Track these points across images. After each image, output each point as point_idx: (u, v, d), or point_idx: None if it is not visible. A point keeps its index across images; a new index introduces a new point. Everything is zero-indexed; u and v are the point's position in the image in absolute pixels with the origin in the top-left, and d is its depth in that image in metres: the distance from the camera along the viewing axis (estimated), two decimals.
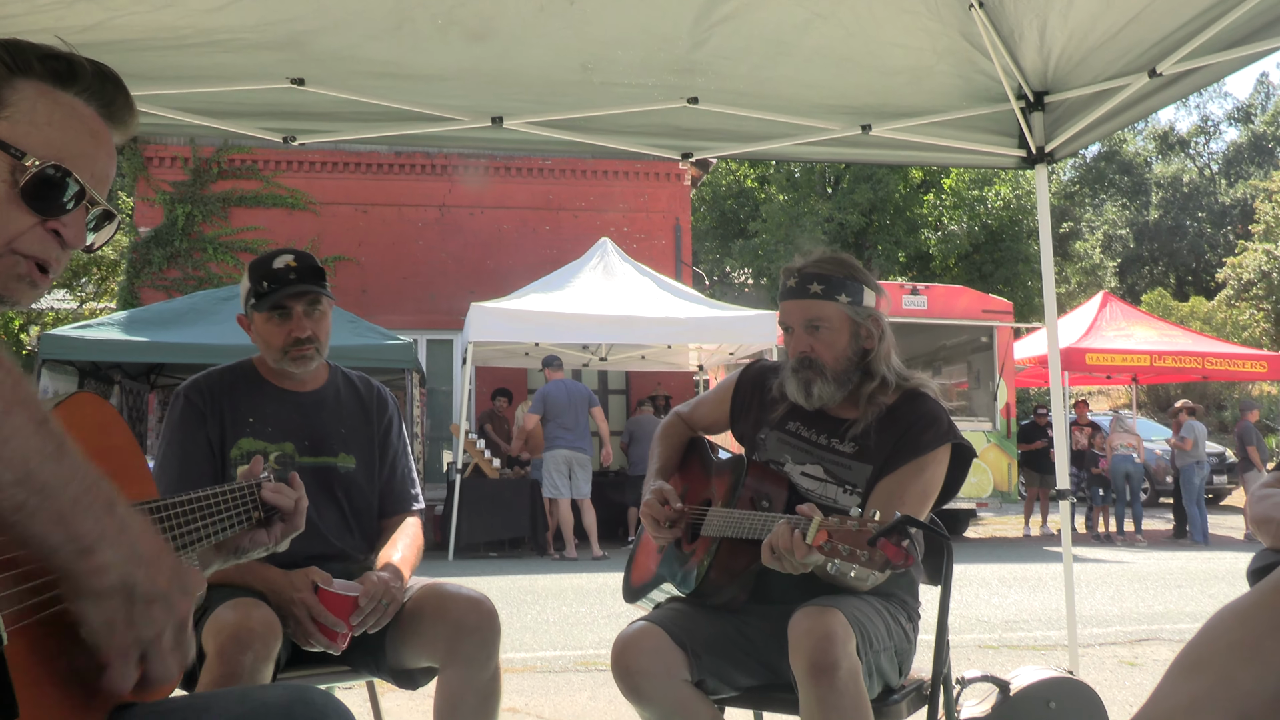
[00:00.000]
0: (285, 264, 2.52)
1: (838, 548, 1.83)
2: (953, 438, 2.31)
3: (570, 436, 10.40)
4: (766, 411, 2.52)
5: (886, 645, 2.22)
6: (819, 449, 2.39)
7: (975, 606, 7.11)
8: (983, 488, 12.46)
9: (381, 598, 2.30)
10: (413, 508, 2.71)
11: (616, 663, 2.24)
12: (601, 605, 7.20)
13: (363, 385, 2.73)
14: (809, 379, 2.37)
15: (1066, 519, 4.34)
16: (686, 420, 2.74)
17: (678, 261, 15.47)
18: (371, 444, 2.67)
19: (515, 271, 14.49)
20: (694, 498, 2.51)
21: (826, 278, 2.35)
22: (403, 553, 2.53)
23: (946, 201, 24.39)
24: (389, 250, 14.61)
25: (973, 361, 13.49)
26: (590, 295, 10.99)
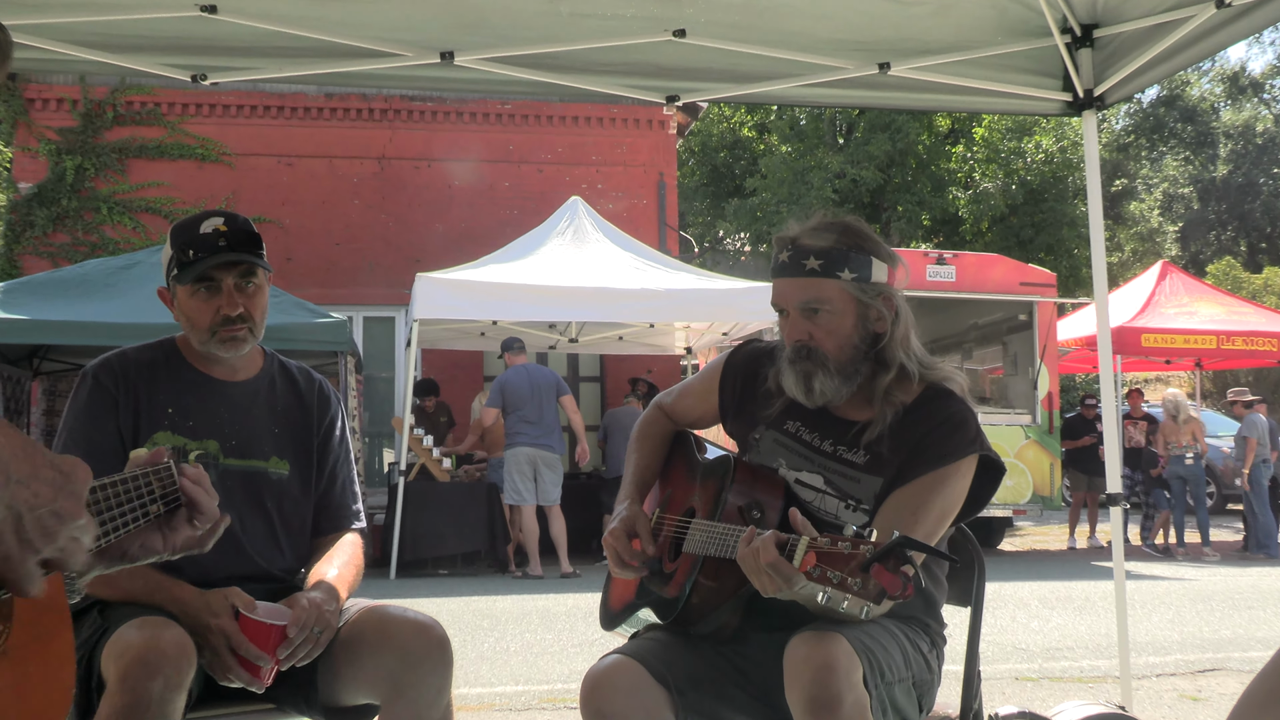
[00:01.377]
0: (214, 228, 2.49)
1: (827, 574, 1.83)
2: (980, 448, 2.29)
3: (535, 432, 10.41)
4: (760, 406, 2.50)
5: (903, 676, 2.23)
6: (822, 456, 2.38)
7: (1011, 631, 7.17)
8: (1020, 492, 12.56)
9: (313, 625, 2.30)
10: (353, 525, 2.71)
11: (587, 703, 2.25)
12: (571, 631, 7.22)
13: (303, 378, 2.73)
14: (808, 372, 2.34)
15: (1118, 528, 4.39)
16: (669, 412, 2.73)
17: (661, 225, 15.47)
18: (309, 448, 2.66)
19: (469, 236, 14.45)
20: (677, 506, 2.51)
21: (825, 250, 2.31)
22: (339, 570, 2.53)
23: (978, 155, 24.47)
24: (318, 211, 14.54)
25: (1009, 343, 13.57)
26: (558, 265, 10.98)
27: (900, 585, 1.76)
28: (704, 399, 2.66)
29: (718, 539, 2.21)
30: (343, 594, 2.46)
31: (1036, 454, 12.71)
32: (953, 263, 12.66)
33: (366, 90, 14.54)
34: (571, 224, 11.84)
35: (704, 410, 2.66)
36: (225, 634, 2.25)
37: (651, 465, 2.65)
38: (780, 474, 2.39)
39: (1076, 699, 3.47)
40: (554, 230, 11.76)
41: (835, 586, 1.82)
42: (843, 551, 1.83)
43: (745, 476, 2.36)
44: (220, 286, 2.50)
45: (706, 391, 2.65)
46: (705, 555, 2.25)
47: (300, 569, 2.63)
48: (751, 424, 2.52)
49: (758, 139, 28.21)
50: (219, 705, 2.41)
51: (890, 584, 1.77)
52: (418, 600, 8.34)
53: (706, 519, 2.33)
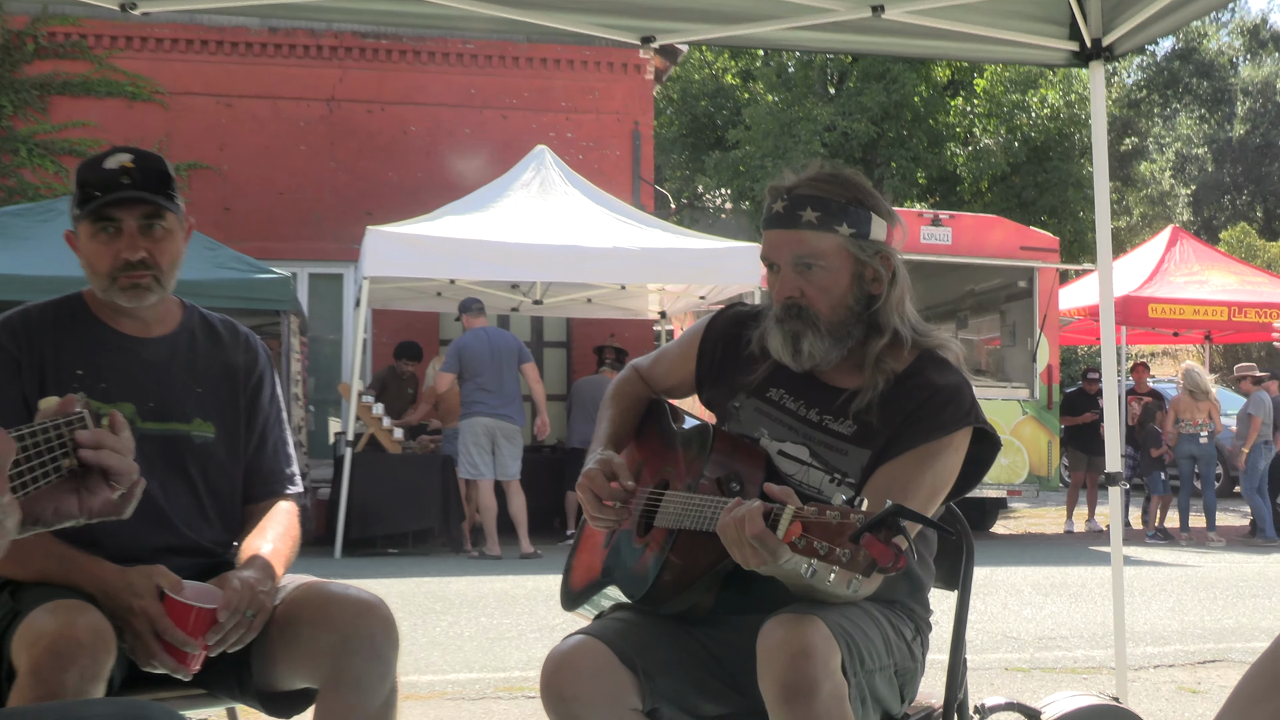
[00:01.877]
0: (119, 165, 2.47)
1: (814, 545, 1.84)
2: (975, 420, 2.32)
3: (493, 400, 10.40)
4: (742, 372, 2.51)
5: (884, 663, 2.25)
6: (806, 425, 2.39)
7: (1002, 619, 7.25)
8: (1016, 471, 12.66)
9: (246, 607, 2.29)
10: (287, 490, 2.70)
11: (548, 687, 2.25)
12: (531, 615, 7.24)
13: (226, 332, 2.71)
14: (797, 331, 2.36)
15: (1117, 510, 4.43)
16: (645, 377, 2.74)
17: (635, 178, 15.42)
18: (236, 408, 2.65)
19: (425, 187, 14.36)
20: (650, 477, 2.52)
21: (824, 201, 2.33)
22: (274, 544, 2.52)
23: (978, 108, 24.50)
24: (260, 156, 14.41)
25: (1007, 312, 13.64)
26: (522, 219, 10.94)
27: (892, 556, 1.78)
28: (681, 364, 2.67)
29: (694, 511, 2.22)
30: (278, 570, 2.45)
31: (1034, 431, 12.81)
32: (949, 224, 12.69)
33: (314, 25, 14.39)
34: (537, 175, 11.78)
35: (681, 377, 2.67)
36: (149, 617, 2.24)
37: (626, 424, 2.66)
38: (762, 445, 2.40)
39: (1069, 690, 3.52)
40: (518, 182, 11.70)
41: (822, 558, 1.83)
42: (831, 521, 1.84)
43: (724, 447, 2.36)
44: (121, 228, 2.48)
45: (684, 357, 2.66)
46: (679, 529, 2.25)
47: (232, 541, 2.62)
48: (731, 391, 2.52)
49: (741, 87, 28.12)
50: (143, 691, 2.40)
51: (881, 555, 1.78)
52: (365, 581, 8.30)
53: (681, 491, 2.34)
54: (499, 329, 11.20)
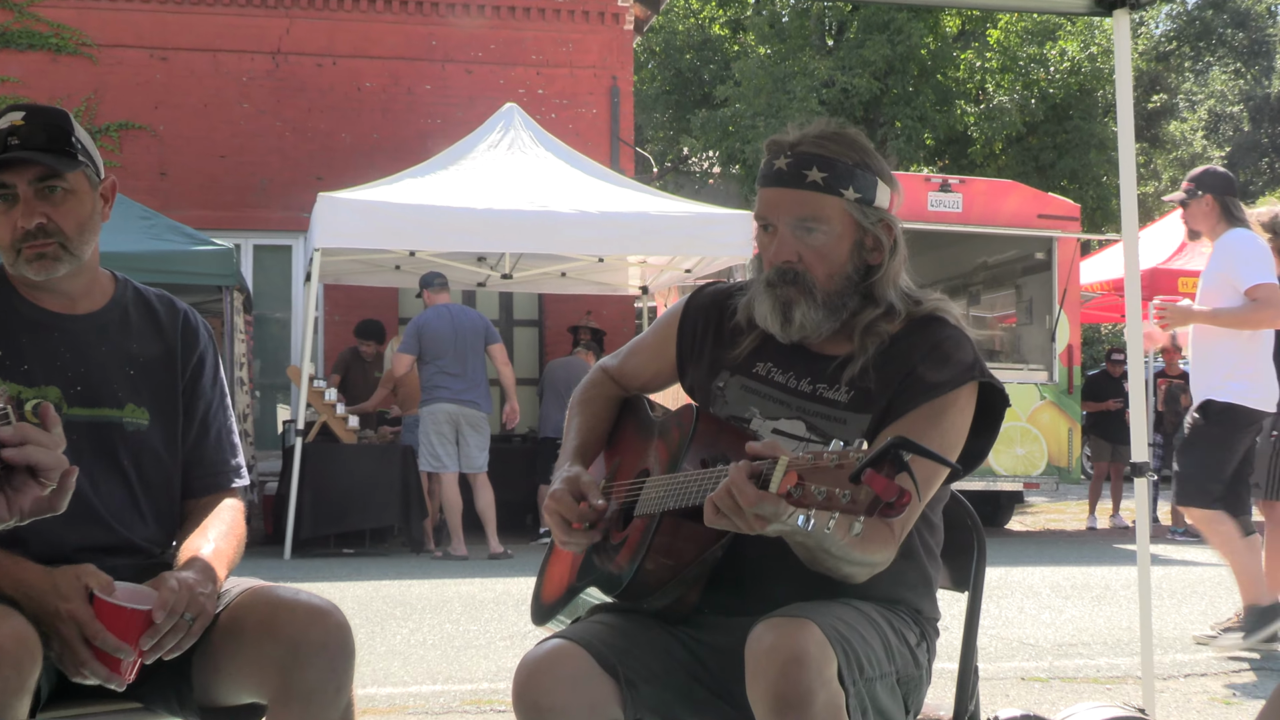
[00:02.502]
0: (8, 124, 2.46)
1: (811, 492, 1.87)
2: (980, 374, 2.36)
3: (457, 385, 10.39)
4: (725, 348, 2.54)
5: (885, 670, 2.27)
6: (799, 398, 2.43)
7: (1018, 624, 7.29)
8: (1033, 462, 12.73)
9: (185, 609, 2.29)
10: (232, 484, 2.70)
11: (521, 696, 2.26)
12: (500, 622, 7.25)
13: (164, 309, 2.70)
14: (789, 299, 2.39)
15: (1144, 505, 4.45)
16: (616, 377, 2.76)
17: (614, 139, 15.41)
18: (173, 393, 2.65)
19: (382, 149, 14.32)
20: (627, 473, 2.54)
21: (832, 162, 2.37)
22: (216, 543, 2.52)
23: (992, 62, 24.53)
24: (199, 115, 14.34)
25: (1024, 286, 13.67)
26: (489, 184, 10.92)
27: (896, 491, 1.80)
28: (659, 352, 2.69)
29: (677, 489, 2.25)
30: (221, 572, 2.45)
31: (1053, 417, 12.85)
32: (959, 190, 12.71)
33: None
34: (506, 136, 11.75)
35: (659, 366, 2.69)
36: (77, 621, 2.23)
37: (596, 430, 2.68)
38: (754, 427, 2.43)
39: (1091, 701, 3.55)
40: (485, 143, 11.68)
41: (819, 505, 1.85)
42: (828, 465, 1.87)
43: (709, 428, 2.38)
44: (17, 194, 2.47)
45: (662, 342, 2.68)
46: (662, 513, 2.27)
47: (169, 540, 2.62)
48: (714, 370, 2.55)
49: (731, 38, 28.10)
50: (74, 704, 2.41)
51: (885, 489, 1.80)
52: (317, 585, 8.33)
53: (663, 476, 2.36)
54: (463, 306, 11.18)
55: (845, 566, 2.21)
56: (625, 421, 2.70)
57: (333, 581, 8.76)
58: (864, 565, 2.22)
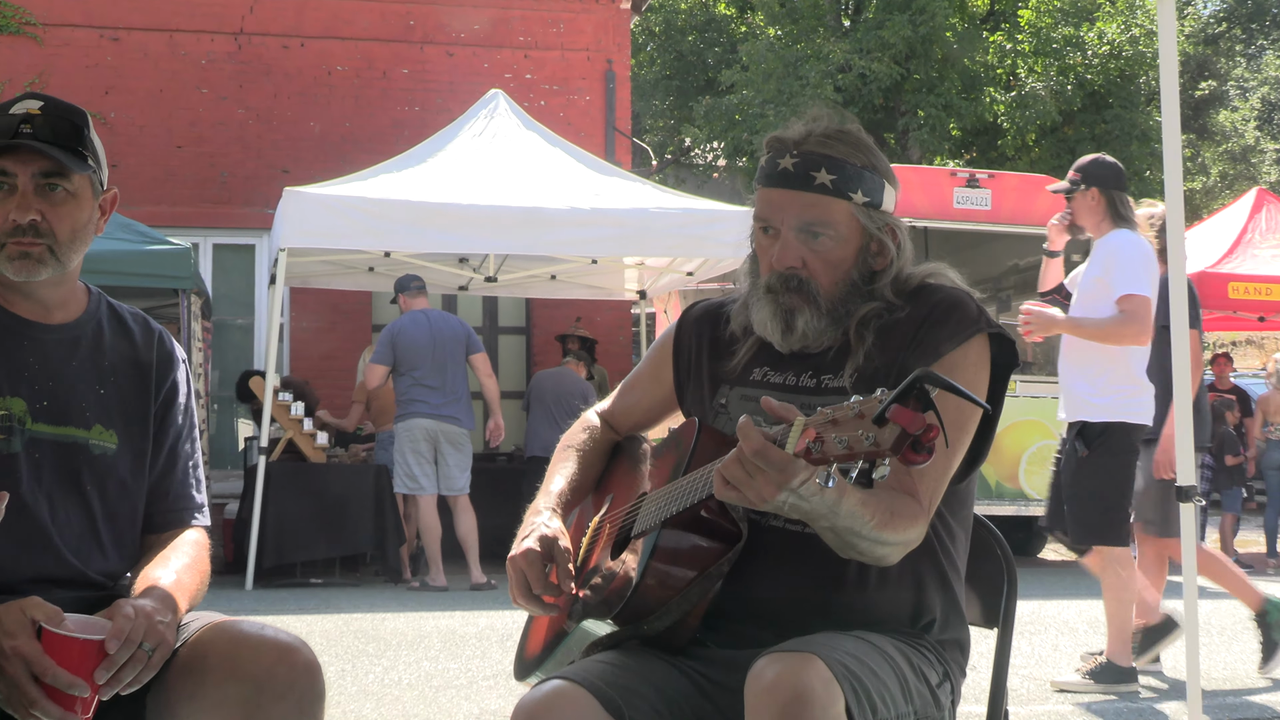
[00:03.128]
0: (24, 111, 2.50)
1: (830, 444, 1.91)
2: (987, 326, 2.45)
3: (436, 399, 10.39)
4: (722, 361, 2.60)
5: (901, 711, 2.27)
6: (804, 394, 2.47)
7: (1052, 663, 7.28)
8: None
9: (142, 639, 2.29)
10: (193, 521, 2.71)
11: None
12: (483, 659, 7.25)
13: (139, 328, 2.71)
14: (791, 307, 2.46)
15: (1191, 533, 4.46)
16: (609, 419, 2.82)
17: (609, 128, 15.42)
18: (144, 418, 2.66)
19: (354, 140, 14.32)
20: (622, 502, 2.58)
21: (840, 163, 2.44)
22: (177, 574, 2.52)
23: (1024, 45, 24.57)
24: (154, 102, 14.34)
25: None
26: (472, 179, 10.93)
27: (922, 423, 1.84)
28: (655, 379, 2.75)
29: (679, 493, 2.30)
30: (182, 604, 2.45)
31: None
32: (988, 185, 12.73)
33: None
34: (490, 125, 11.77)
35: (657, 395, 2.75)
36: (24, 658, 2.22)
37: (583, 476, 2.73)
38: None
39: None
40: (467, 133, 11.69)
41: (840, 455, 1.90)
42: (848, 415, 1.92)
43: (712, 440, 2.43)
44: (16, 185, 2.50)
45: (657, 368, 2.74)
46: (661, 525, 2.32)
47: (125, 575, 2.62)
48: (715, 387, 2.60)
49: (737, 18, 28.14)
50: None
51: (911, 421, 1.84)
52: (283, 618, 8.33)
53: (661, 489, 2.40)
54: (443, 312, 11.18)
55: (879, 548, 2.25)
56: (618, 461, 2.76)
57: (299, 615, 8.75)
58: (898, 545, 2.27)
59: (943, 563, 2.47)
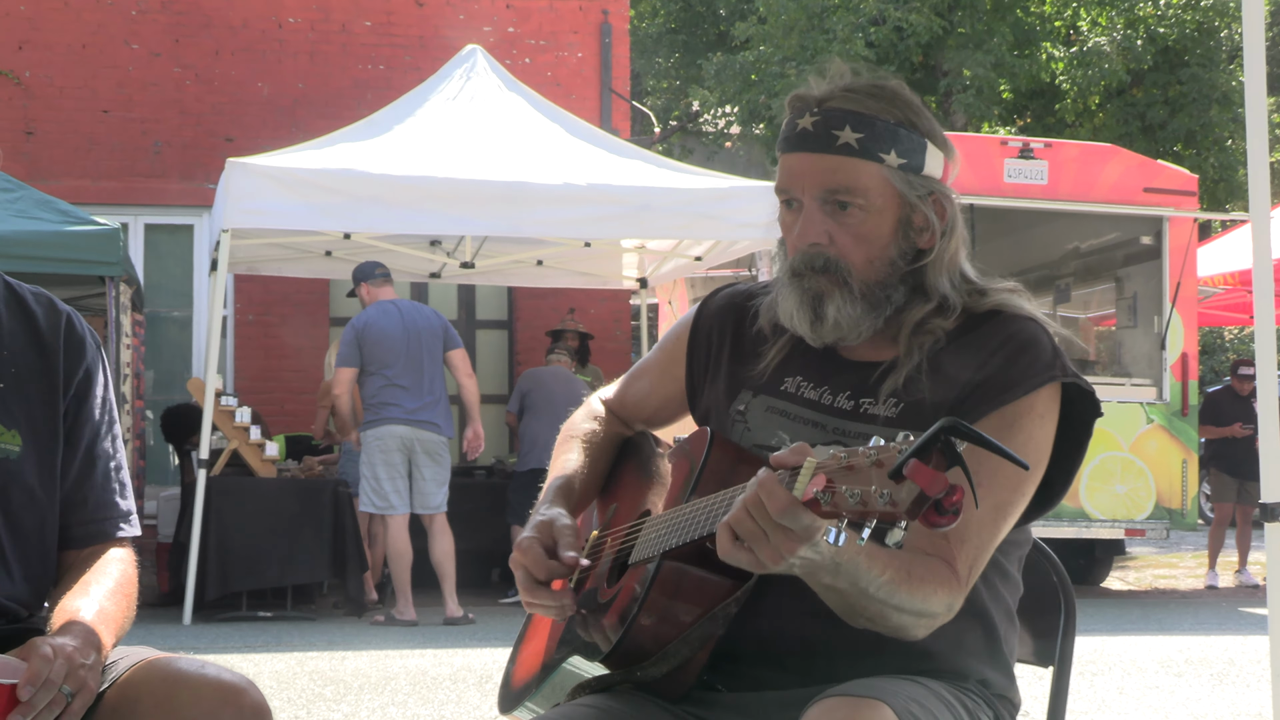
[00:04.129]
0: None
1: (841, 496, 1.87)
2: (1062, 372, 2.37)
3: (411, 402, 10.36)
4: (745, 363, 2.56)
5: None
6: (839, 417, 2.44)
7: (1117, 708, 7.30)
8: (1137, 503, 12.73)
9: (62, 681, 2.29)
10: (120, 532, 2.70)
11: None
12: (458, 704, 7.26)
13: (43, 310, 2.70)
14: (820, 291, 2.40)
15: (1278, 557, 4.45)
16: (616, 409, 2.80)
17: (605, 90, 15.42)
18: (53, 414, 2.65)
19: (308, 103, 14.33)
20: (625, 518, 2.57)
21: (869, 120, 2.39)
22: (100, 603, 2.51)
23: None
24: (75, 59, 14.34)
25: (1126, 280, 13.69)
26: (446, 148, 10.94)
27: (944, 484, 1.80)
28: (666, 374, 2.72)
29: (683, 523, 2.27)
30: (107, 639, 2.45)
31: (1163, 446, 12.87)
32: (1044, 156, 12.73)
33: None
34: (466, 86, 11.76)
35: (667, 392, 2.72)
36: None
37: (590, 469, 2.70)
38: None
39: None
40: (440, 95, 11.69)
41: (852, 511, 1.86)
42: (865, 464, 1.88)
43: (725, 456, 2.40)
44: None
45: (669, 361, 2.71)
46: (663, 554, 2.29)
47: (40, 601, 2.62)
48: (733, 392, 2.56)
49: None
50: None
51: (931, 482, 1.80)
52: (227, 656, 8.34)
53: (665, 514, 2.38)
54: (415, 303, 11.16)
55: (894, 615, 2.20)
56: (625, 463, 2.74)
57: (246, 653, 8.76)
58: (919, 614, 2.21)
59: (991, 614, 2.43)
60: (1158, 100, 24.46)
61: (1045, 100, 25.18)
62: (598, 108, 15.08)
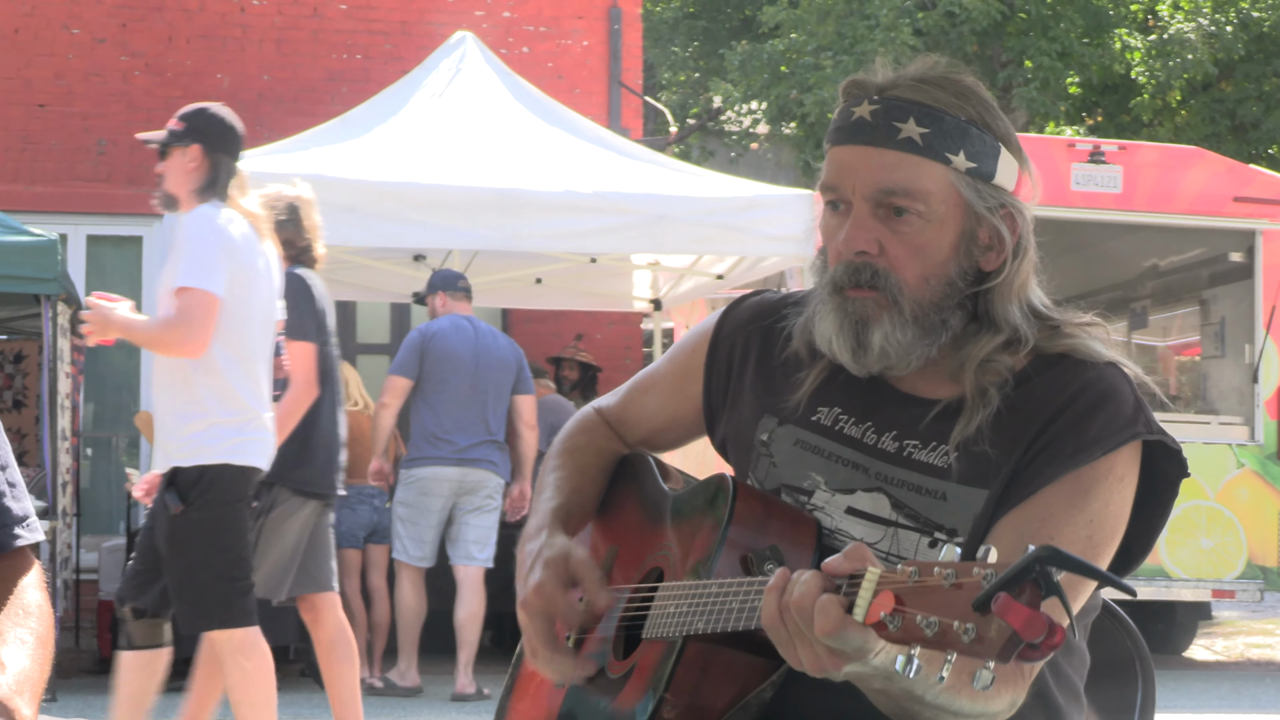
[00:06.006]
0: None
1: (915, 624, 1.79)
2: (1146, 429, 2.35)
3: (465, 438, 10.20)
4: (772, 388, 2.55)
5: None
6: (882, 460, 2.42)
7: None
8: (1226, 560, 12.68)
9: None
10: (16, 538, 2.59)
11: None
12: None
13: None
14: (865, 314, 2.37)
15: None
16: (614, 423, 2.78)
17: (614, 84, 15.44)
18: None
19: (275, 98, 14.35)
20: (628, 569, 2.55)
21: (937, 115, 2.37)
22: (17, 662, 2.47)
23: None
24: (9, 47, 14.37)
25: (1212, 302, 13.66)
26: (432, 151, 10.96)
27: (1044, 626, 1.72)
28: (678, 390, 2.70)
29: (708, 605, 2.22)
30: (26, 708, 2.44)
31: (1256, 494, 12.82)
32: (1118, 160, 12.71)
33: None
34: (456, 80, 11.80)
35: (677, 411, 2.71)
36: None
37: (585, 491, 2.69)
38: (816, 501, 2.43)
39: None
40: (426, 89, 11.73)
41: (928, 642, 1.79)
42: (941, 584, 1.80)
43: (753, 509, 2.38)
44: None
45: (682, 376, 2.69)
46: (685, 638, 2.26)
47: None
48: (756, 418, 2.55)
49: None
50: None
51: (1028, 625, 1.71)
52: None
53: (684, 581, 2.35)
54: (492, 328, 10.87)
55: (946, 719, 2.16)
56: (625, 490, 2.71)
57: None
58: (978, 716, 2.18)
59: (1054, 695, 2.41)
60: (1250, 96, 24.44)
61: (1119, 95, 25.18)
62: (605, 104, 15.10)
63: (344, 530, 10.94)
